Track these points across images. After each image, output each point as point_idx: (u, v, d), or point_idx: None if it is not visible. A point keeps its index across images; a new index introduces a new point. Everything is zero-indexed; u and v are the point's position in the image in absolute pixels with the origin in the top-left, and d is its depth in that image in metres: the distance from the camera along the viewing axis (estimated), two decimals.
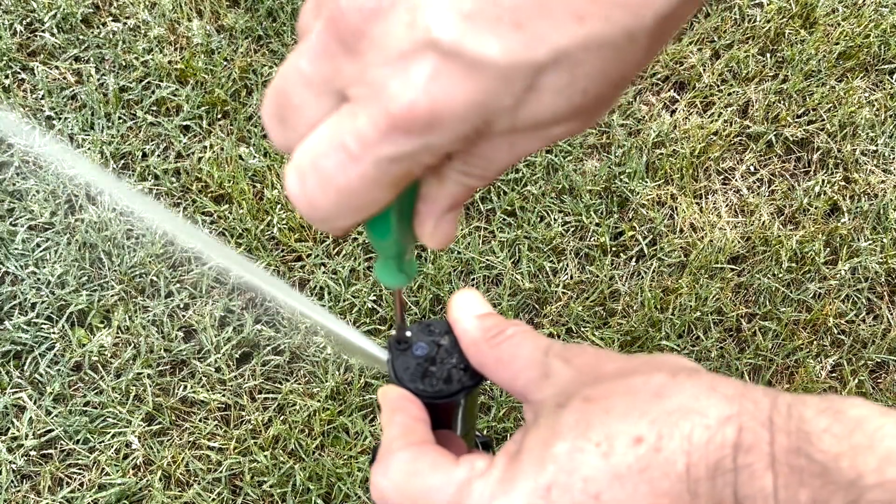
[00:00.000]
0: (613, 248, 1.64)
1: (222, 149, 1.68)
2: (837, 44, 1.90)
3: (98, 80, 1.73)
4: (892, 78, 1.90)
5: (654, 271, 1.61)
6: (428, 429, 0.38)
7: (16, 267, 1.52)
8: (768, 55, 1.90)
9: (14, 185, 1.61)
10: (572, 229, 1.65)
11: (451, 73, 0.24)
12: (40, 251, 1.54)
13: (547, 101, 0.25)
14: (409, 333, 0.42)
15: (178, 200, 1.62)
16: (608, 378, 0.32)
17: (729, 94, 1.83)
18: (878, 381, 1.58)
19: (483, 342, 0.38)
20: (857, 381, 1.54)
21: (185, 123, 1.70)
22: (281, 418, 1.43)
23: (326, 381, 1.45)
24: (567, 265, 1.61)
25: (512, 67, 0.24)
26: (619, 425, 0.30)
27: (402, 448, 0.35)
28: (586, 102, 0.26)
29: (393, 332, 0.44)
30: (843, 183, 1.77)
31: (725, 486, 0.27)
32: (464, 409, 0.42)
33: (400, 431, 0.37)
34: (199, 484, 1.37)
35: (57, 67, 1.75)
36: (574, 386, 0.33)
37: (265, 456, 1.39)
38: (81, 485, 1.37)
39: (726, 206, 1.72)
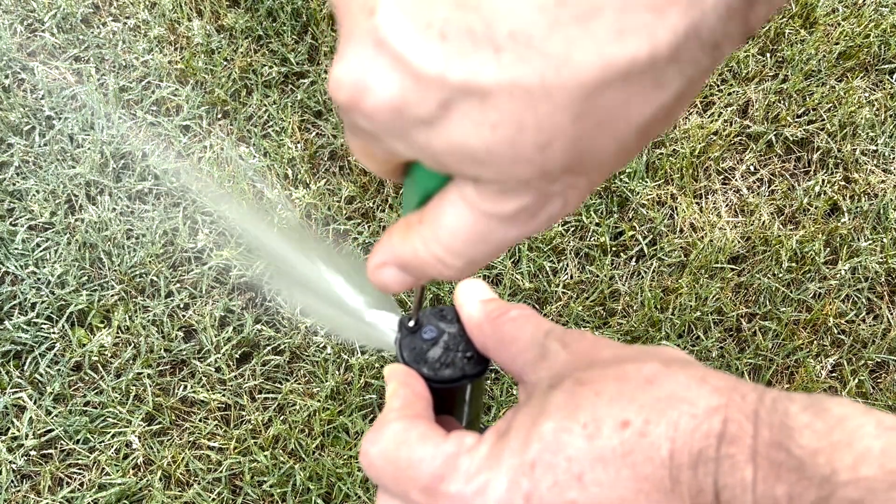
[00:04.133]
0: (613, 248, 1.64)
1: (222, 149, 1.68)
2: (837, 44, 1.90)
3: (98, 79, 1.73)
4: (892, 78, 1.90)
5: (654, 271, 1.61)
6: (428, 406, 0.38)
7: (16, 267, 1.52)
8: (768, 55, 1.90)
9: (14, 185, 1.61)
10: (572, 229, 1.65)
11: (378, 62, 0.25)
12: (40, 251, 1.54)
13: (458, 125, 0.25)
14: (420, 314, 0.42)
15: (178, 201, 1.62)
16: (602, 363, 0.33)
17: (729, 94, 1.83)
18: (878, 380, 1.57)
19: (486, 322, 0.38)
20: (857, 380, 1.54)
21: (185, 123, 1.71)
22: (281, 418, 1.43)
23: (326, 381, 1.45)
24: (567, 265, 1.61)
25: (427, 77, 0.24)
26: (608, 409, 0.30)
27: (396, 419, 0.35)
28: (497, 144, 0.25)
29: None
30: (843, 183, 1.77)
31: (706, 475, 0.27)
32: (469, 400, 0.42)
33: (399, 405, 0.37)
34: (199, 484, 1.37)
35: (57, 67, 1.75)
36: (568, 369, 0.34)
37: (265, 456, 1.39)
38: (81, 485, 1.37)
39: (726, 205, 1.72)
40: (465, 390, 0.42)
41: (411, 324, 0.42)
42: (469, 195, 0.28)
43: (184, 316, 1.51)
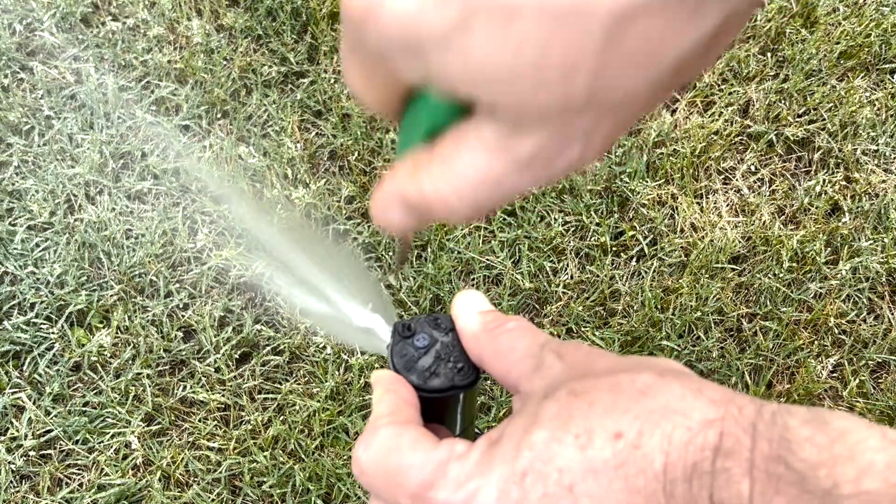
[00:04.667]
0: (614, 248, 1.63)
1: (222, 148, 1.67)
2: (838, 43, 1.90)
3: (97, 79, 1.73)
4: (892, 77, 1.90)
5: (654, 271, 1.61)
6: (416, 412, 0.38)
7: (15, 267, 1.52)
8: (769, 54, 1.89)
9: (13, 184, 1.60)
10: (572, 229, 1.65)
11: None
12: (39, 251, 1.54)
13: (478, 44, 0.23)
14: (415, 321, 0.42)
15: (178, 200, 1.61)
16: (597, 374, 0.32)
17: (730, 94, 1.83)
18: (879, 381, 1.57)
19: (483, 333, 0.38)
20: (857, 381, 1.53)
21: (184, 123, 1.70)
22: (280, 418, 1.43)
23: (326, 382, 1.44)
24: (567, 265, 1.61)
25: None
26: (601, 419, 0.29)
27: (386, 425, 0.35)
28: (520, 66, 0.23)
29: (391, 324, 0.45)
30: (843, 182, 1.76)
31: (701, 488, 0.27)
32: (462, 409, 0.42)
33: (388, 410, 0.37)
34: (198, 484, 1.37)
35: (56, 67, 1.75)
36: (563, 379, 0.33)
37: (265, 456, 1.38)
38: (81, 485, 1.37)
39: (727, 205, 1.72)
40: (456, 400, 0.41)
41: (401, 323, 0.42)
42: (486, 135, 0.26)
43: (183, 316, 1.51)
